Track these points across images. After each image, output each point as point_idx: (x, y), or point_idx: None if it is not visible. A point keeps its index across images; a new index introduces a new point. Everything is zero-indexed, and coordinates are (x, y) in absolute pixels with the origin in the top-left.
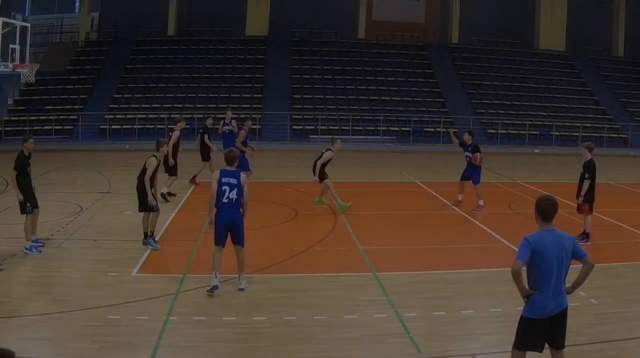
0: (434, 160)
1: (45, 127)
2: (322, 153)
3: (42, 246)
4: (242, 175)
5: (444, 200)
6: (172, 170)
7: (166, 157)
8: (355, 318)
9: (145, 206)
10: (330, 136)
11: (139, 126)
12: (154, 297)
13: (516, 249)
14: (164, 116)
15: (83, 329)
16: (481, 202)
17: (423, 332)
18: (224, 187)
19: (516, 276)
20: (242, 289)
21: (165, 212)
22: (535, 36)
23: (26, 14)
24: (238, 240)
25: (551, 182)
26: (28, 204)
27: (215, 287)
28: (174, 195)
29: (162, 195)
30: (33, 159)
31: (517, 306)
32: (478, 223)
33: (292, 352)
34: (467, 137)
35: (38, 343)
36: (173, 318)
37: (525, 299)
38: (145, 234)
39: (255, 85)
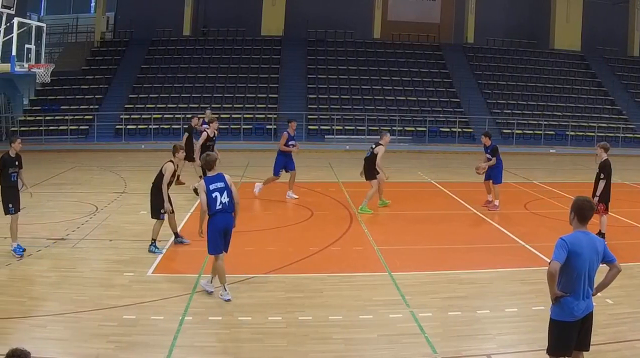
0: (449, 160)
1: (61, 127)
2: (372, 150)
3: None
4: (227, 176)
5: (460, 200)
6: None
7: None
8: (371, 318)
9: (157, 213)
10: (379, 129)
11: (154, 126)
12: (169, 297)
13: (532, 249)
14: (179, 116)
15: (98, 329)
16: (497, 202)
17: (438, 332)
18: (214, 194)
19: (552, 277)
20: (208, 291)
21: (180, 213)
22: (551, 36)
23: (42, 14)
24: (227, 247)
25: (567, 182)
26: (10, 205)
27: (229, 300)
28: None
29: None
30: (51, 159)
31: (533, 306)
32: (494, 223)
33: (308, 352)
34: (485, 140)
35: (53, 343)
36: (188, 318)
37: (554, 301)
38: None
39: (270, 85)
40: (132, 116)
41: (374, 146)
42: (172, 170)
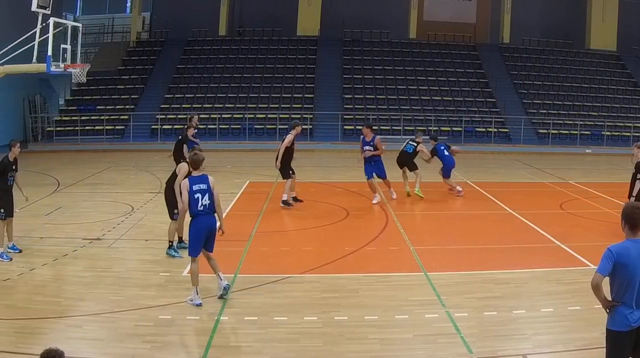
0: (485, 160)
1: (97, 127)
2: (414, 146)
3: (19, 252)
4: (211, 178)
5: (495, 200)
6: (285, 173)
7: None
8: (407, 318)
9: (171, 213)
10: (415, 129)
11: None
12: (205, 297)
13: (568, 249)
14: (215, 116)
15: (134, 329)
16: (459, 188)
17: (474, 332)
18: (196, 195)
19: (596, 289)
20: (225, 288)
21: None
22: (586, 36)
23: (77, 14)
24: (211, 247)
25: (602, 182)
26: (2, 210)
27: (200, 305)
28: (301, 200)
29: (286, 201)
30: (87, 159)
31: (569, 306)
32: (529, 223)
33: (343, 352)
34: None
35: (89, 343)
36: (224, 318)
37: (607, 310)
38: (170, 243)
39: (306, 85)
40: (168, 116)
41: (414, 144)
42: (186, 171)
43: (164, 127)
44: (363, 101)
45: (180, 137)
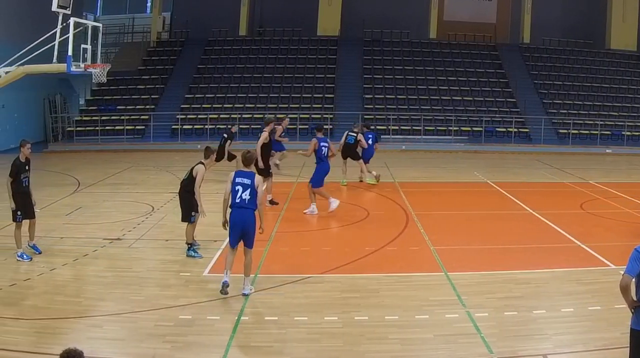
0: (505, 160)
1: (117, 127)
2: (355, 136)
3: (39, 253)
4: (258, 177)
5: (516, 200)
6: (265, 172)
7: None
8: (427, 318)
9: (187, 216)
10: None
11: (210, 126)
12: (225, 297)
13: (588, 249)
14: (235, 116)
15: (155, 329)
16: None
17: (494, 332)
18: (237, 187)
19: (624, 290)
20: (245, 294)
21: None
22: (607, 36)
23: (98, 14)
24: (247, 242)
25: (623, 182)
26: (19, 213)
27: (225, 283)
28: (277, 203)
29: (271, 201)
30: (107, 159)
31: (589, 306)
32: (550, 223)
33: (364, 352)
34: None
35: (109, 343)
36: (245, 318)
37: (633, 310)
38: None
39: (326, 85)
40: (189, 116)
41: (354, 134)
42: (203, 172)
43: (185, 127)
44: (383, 101)
45: (225, 136)
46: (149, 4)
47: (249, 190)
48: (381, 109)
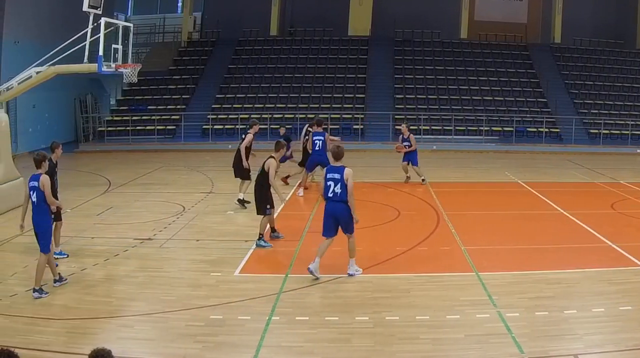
0: (536, 160)
1: (148, 127)
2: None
3: (66, 257)
4: (348, 170)
5: (547, 200)
6: (245, 174)
7: (239, 161)
8: (458, 318)
9: (262, 209)
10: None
11: (241, 126)
12: (256, 297)
13: (619, 250)
14: (266, 116)
15: (186, 329)
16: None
17: (525, 332)
18: (329, 183)
19: None
20: (351, 275)
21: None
22: (638, 36)
23: (129, 14)
24: (346, 230)
25: None
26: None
27: (311, 271)
28: (249, 202)
29: (240, 201)
30: (138, 159)
31: (620, 306)
32: (580, 223)
33: (395, 352)
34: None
35: (140, 343)
36: (275, 318)
37: None
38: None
39: (357, 85)
40: (219, 116)
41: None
42: (275, 166)
43: (215, 127)
44: (414, 101)
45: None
46: (179, 4)
47: (339, 184)
48: (412, 109)
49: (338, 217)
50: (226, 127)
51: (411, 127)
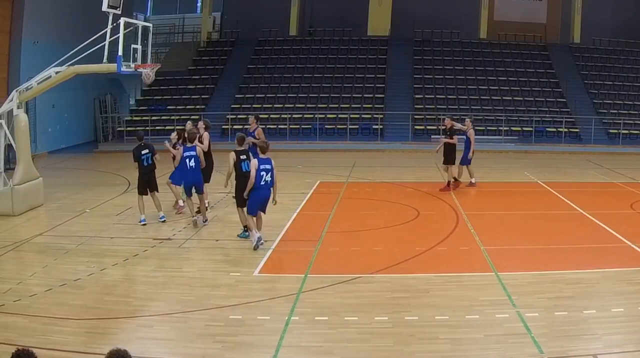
0: (555, 160)
1: (167, 127)
2: None
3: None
4: (273, 161)
5: (566, 200)
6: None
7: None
8: (477, 318)
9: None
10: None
11: (260, 126)
12: (275, 297)
13: (638, 250)
14: (285, 116)
15: (205, 329)
16: (473, 180)
17: (545, 332)
18: (261, 173)
19: None
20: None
21: (287, 212)
22: None
23: (148, 14)
24: (264, 210)
25: None
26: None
27: (259, 239)
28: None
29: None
30: (159, 159)
31: (639, 306)
32: (600, 223)
33: (414, 352)
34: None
35: (159, 343)
36: (295, 318)
37: None
38: None
39: (377, 85)
40: (239, 116)
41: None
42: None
43: (235, 127)
44: (434, 101)
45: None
46: (199, 4)
47: (270, 173)
48: (431, 108)
49: (265, 201)
50: (246, 126)
51: (430, 127)
